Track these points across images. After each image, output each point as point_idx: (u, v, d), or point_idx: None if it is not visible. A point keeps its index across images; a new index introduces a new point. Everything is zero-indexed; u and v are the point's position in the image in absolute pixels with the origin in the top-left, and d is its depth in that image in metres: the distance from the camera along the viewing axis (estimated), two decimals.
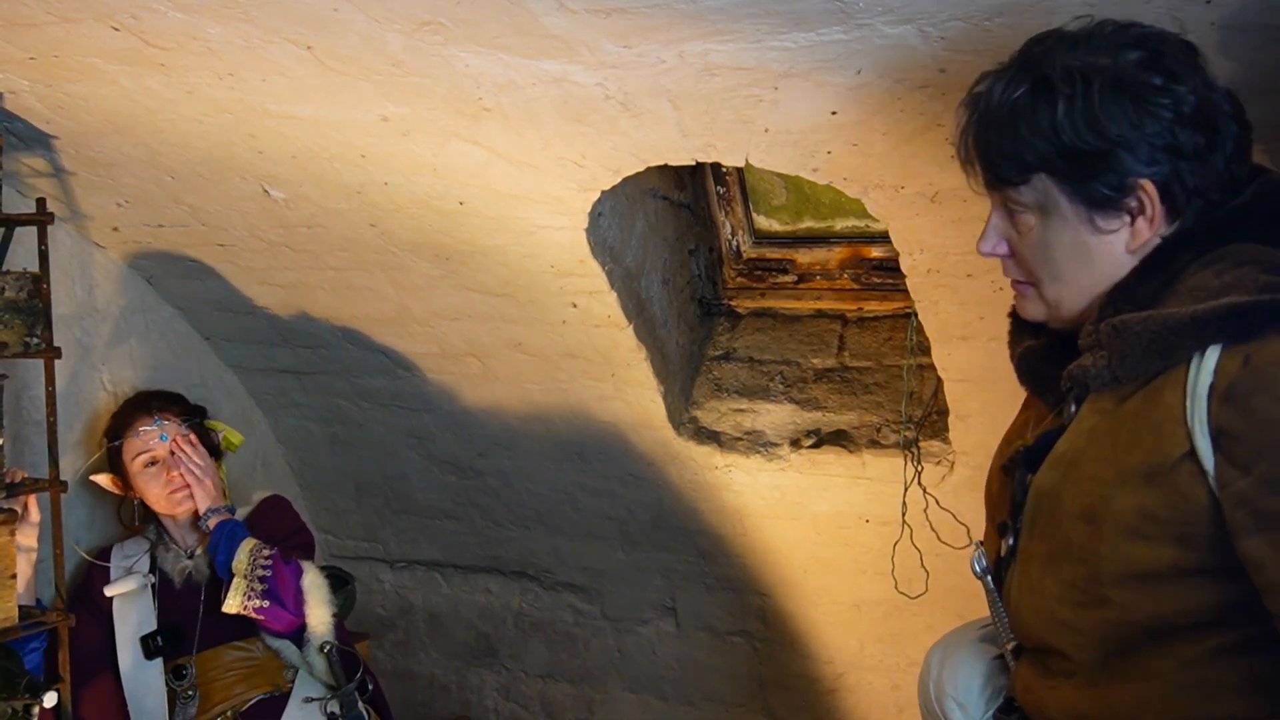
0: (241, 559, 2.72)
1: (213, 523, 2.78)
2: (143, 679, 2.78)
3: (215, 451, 2.97)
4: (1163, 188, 1.35)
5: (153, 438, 2.81)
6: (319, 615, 2.77)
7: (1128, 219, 1.38)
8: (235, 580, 2.70)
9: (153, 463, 2.81)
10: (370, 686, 2.86)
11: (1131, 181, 1.35)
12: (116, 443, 2.84)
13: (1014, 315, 1.63)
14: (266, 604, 2.70)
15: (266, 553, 2.74)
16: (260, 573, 2.71)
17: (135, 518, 2.92)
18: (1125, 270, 1.40)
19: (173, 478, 2.81)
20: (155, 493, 2.82)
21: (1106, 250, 1.40)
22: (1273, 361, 1.24)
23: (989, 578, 1.64)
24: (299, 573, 2.77)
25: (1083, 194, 1.37)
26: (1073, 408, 1.47)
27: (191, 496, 2.82)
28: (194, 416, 2.93)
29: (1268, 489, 1.23)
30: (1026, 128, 1.37)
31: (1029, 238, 1.44)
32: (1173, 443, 1.30)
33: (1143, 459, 1.33)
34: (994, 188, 1.46)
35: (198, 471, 2.80)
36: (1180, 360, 1.30)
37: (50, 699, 2.37)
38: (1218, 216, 1.37)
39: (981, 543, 1.70)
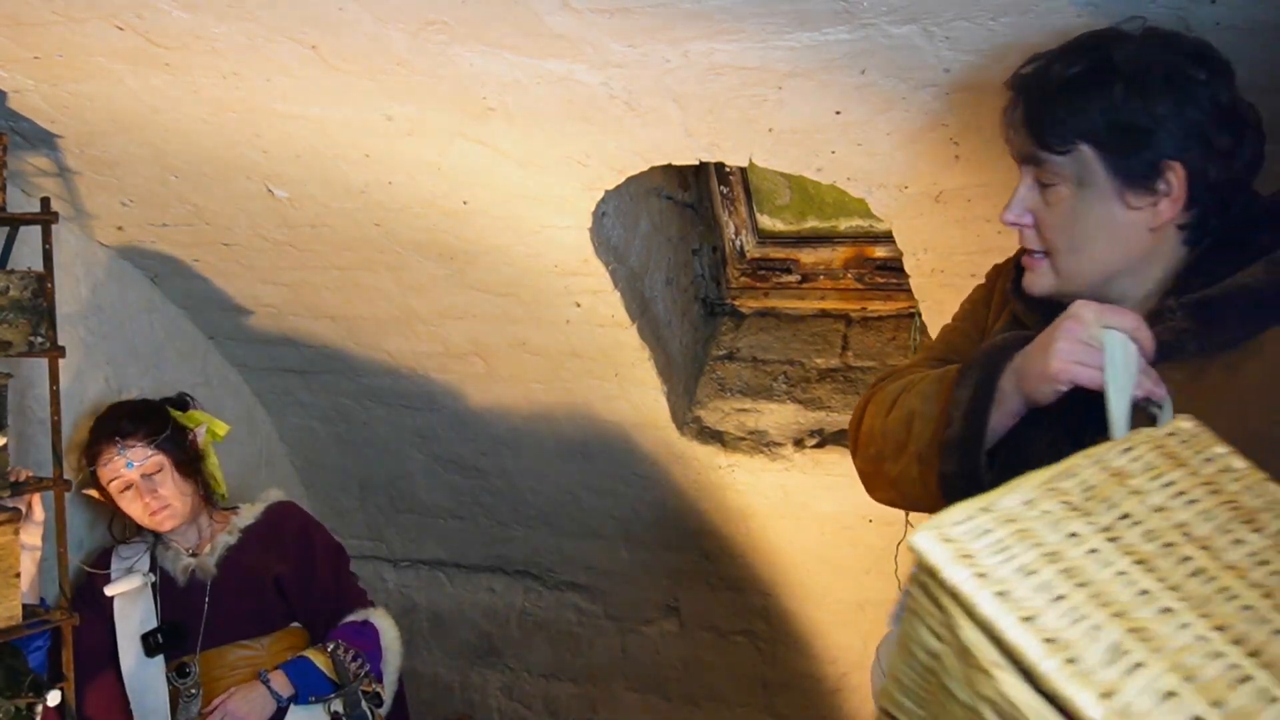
0: (341, 674, 2.81)
1: (286, 690, 2.77)
2: (145, 677, 2.78)
3: (194, 458, 2.92)
4: (1190, 174, 1.44)
5: (119, 467, 2.77)
6: (394, 660, 2.98)
7: (1154, 199, 1.45)
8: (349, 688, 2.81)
9: (128, 486, 2.79)
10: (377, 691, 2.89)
11: (1165, 163, 1.43)
12: (92, 469, 2.81)
13: (1016, 294, 1.66)
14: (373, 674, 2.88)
15: (351, 654, 2.85)
16: (354, 665, 2.84)
17: (125, 530, 2.93)
18: (1141, 249, 1.48)
19: (148, 502, 2.78)
20: (136, 512, 2.81)
21: (1131, 226, 1.47)
22: None
23: None
24: (375, 638, 2.95)
25: (1121, 168, 1.45)
26: None
27: (173, 515, 2.82)
28: (160, 433, 2.82)
29: None
30: (1083, 99, 1.46)
31: (1059, 208, 1.51)
32: (1257, 412, 1.35)
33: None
34: (1031, 160, 1.53)
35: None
36: (1263, 328, 1.37)
37: (54, 697, 2.38)
38: (1262, 207, 1.48)
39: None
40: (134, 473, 2.77)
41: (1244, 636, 0.98)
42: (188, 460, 2.89)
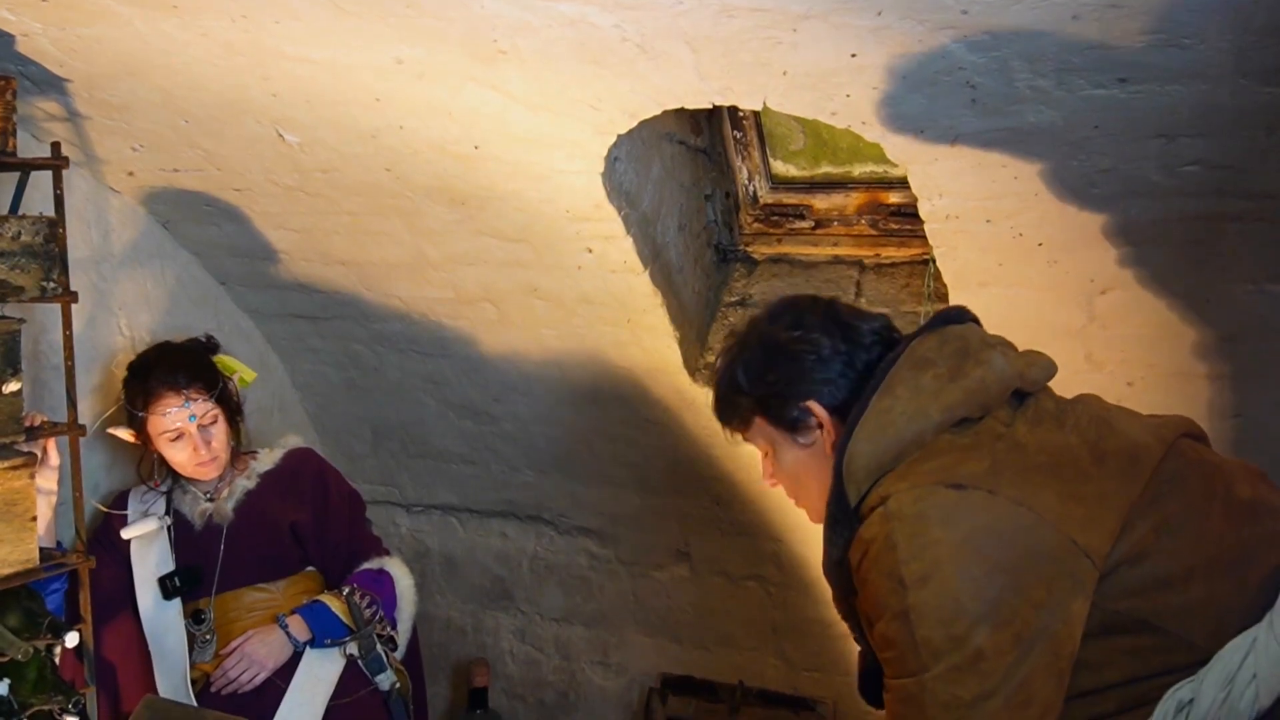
0: (356, 618, 2.82)
1: (303, 635, 2.81)
2: (162, 619, 2.81)
3: (238, 409, 2.94)
4: (827, 405, 1.80)
5: (181, 418, 2.76)
6: (408, 609, 3.02)
7: (818, 430, 1.82)
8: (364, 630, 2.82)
9: (179, 435, 2.79)
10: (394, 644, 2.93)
11: (802, 406, 1.81)
12: (141, 414, 2.78)
13: None
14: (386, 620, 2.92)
15: (367, 599, 2.86)
16: (369, 611, 2.85)
17: (155, 471, 2.92)
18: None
19: (200, 452, 2.79)
20: (181, 460, 2.82)
21: (814, 456, 1.84)
22: (861, 538, 1.65)
23: None
24: (391, 586, 2.98)
25: (781, 422, 1.84)
26: None
27: (219, 466, 2.84)
28: (218, 385, 2.84)
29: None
30: (729, 389, 1.89)
31: (776, 467, 1.90)
32: None
33: None
34: (746, 439, 1.93)
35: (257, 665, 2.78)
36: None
37: (72, 639, 2.40)
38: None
39: None
40: (194, 424, 2.78)
41: None
42: (235, 411, 2.92)
